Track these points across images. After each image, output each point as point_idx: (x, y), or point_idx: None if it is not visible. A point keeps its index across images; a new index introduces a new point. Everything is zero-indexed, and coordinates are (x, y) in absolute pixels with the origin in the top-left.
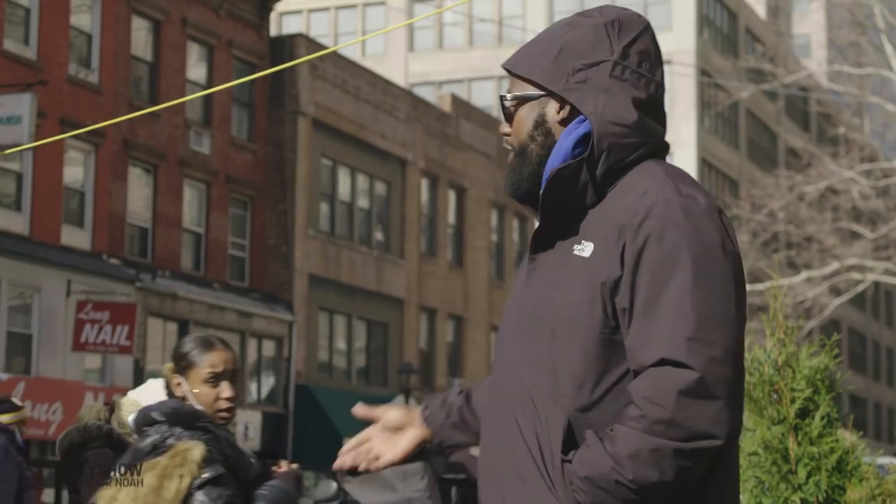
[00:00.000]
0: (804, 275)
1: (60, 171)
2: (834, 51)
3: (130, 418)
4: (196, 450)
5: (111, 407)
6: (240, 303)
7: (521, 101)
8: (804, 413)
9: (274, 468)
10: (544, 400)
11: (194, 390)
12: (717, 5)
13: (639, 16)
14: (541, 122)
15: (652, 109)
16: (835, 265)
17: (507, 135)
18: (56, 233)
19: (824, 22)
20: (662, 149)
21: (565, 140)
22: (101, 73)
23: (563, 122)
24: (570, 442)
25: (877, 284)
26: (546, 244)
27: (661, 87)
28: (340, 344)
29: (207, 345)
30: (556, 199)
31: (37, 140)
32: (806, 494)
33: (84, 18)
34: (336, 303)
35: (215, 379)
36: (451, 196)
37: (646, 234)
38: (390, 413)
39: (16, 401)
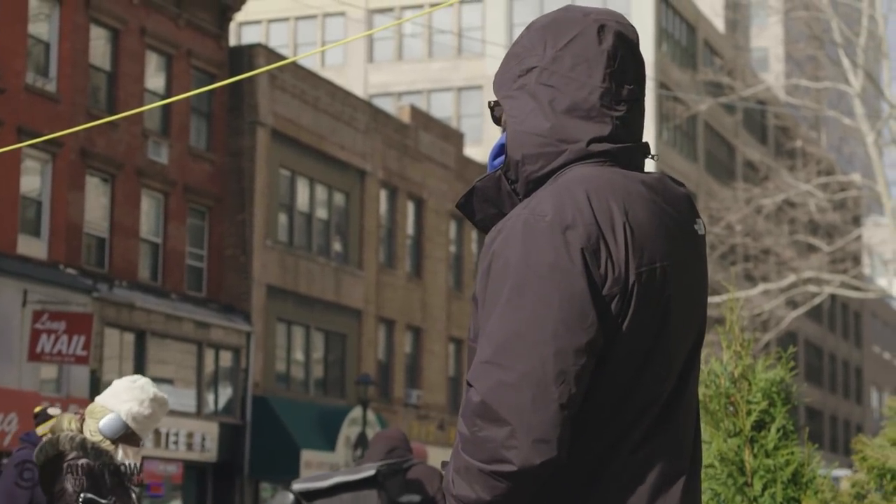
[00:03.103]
0: (761, 287)
1: (17, 180)
2: (791, 64)
3: (101, 423)
4: None
5: (81, 417)
6: (197, 313)
7: (500, 107)
8: (760, 425)
9: None
10: None
11: None
12: (675, 18)
13: (586, 14)
14: (505, 130)
15: (584, 114)
16: (791, 278)
17: None
18: (12, 242)
19: (782, 36)
20: (603, 152)
21: (492, 150)
22: (59, 81)
23: None
24: None
25: (833, 297)
26: None
27: (602, 88)
28: (298, 355)
29: None
30: (473, 212)
31: None
32: None
33: (42, 27)
34: (294, 313)
35: None
36: (410, 207)
37: (492, 253)
38: None
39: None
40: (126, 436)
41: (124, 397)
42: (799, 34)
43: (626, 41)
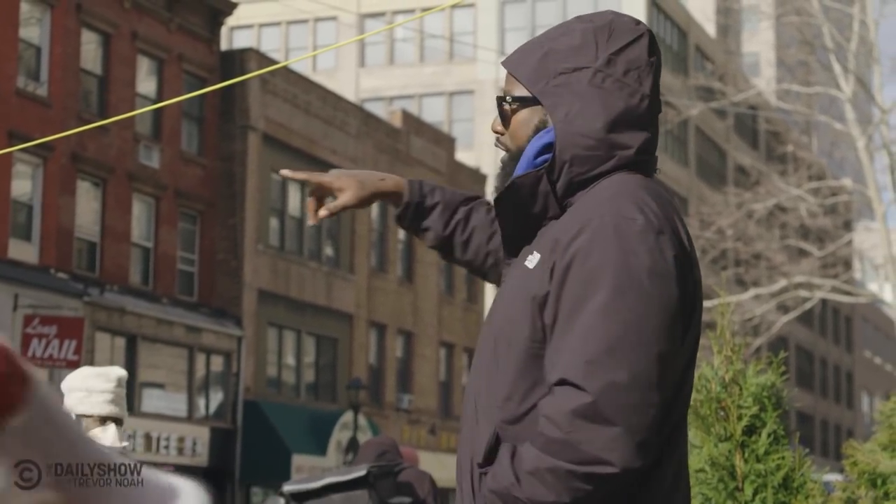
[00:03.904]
0: (752, 292)
1: (8, 184)
2: (783, 69)
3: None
4: None
5: None
6: (188, 318)
7: (522, 103)
8: (751, 430)
9: None
10: (482, 410)
11: None
12: (667, 23)
13: (637, 23)
14: (542, 129)
15: (635, 121)
16: (783, 282)
17: (500, 133)
18: (3, 246)
19: (773, 41)
20: (641, 161)
21: (531, 147)
22: (50, 86)
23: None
24: (495, 453)
25: (824, 302)
26: (516, 251)
27: (649, 98)
28: (289, 359)
29: None
30: (510, 208)
31: None
32: None
33: (33, 31)
34: (285, 318)
35: None
36: None
37: (574, 251)
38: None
39: None
40: (85, 422)
41: (68, 392)
42: (790, 39)
43: (659, 54)
